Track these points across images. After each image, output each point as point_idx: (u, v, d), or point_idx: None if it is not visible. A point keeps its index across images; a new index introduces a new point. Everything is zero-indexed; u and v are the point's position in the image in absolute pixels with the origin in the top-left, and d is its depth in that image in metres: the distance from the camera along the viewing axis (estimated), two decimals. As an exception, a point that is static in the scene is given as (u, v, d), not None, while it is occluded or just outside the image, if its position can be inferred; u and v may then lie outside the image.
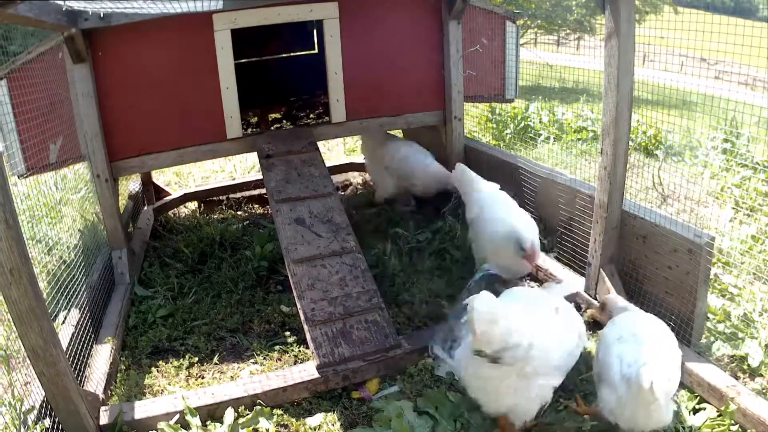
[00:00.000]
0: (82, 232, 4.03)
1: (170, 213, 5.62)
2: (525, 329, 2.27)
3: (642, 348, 2.27)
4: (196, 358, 3.30)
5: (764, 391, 2.71)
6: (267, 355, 3.29)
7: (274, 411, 2.76)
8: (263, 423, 2.68)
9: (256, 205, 5.86)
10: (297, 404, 2.86)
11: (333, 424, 2.72)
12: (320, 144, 4.43)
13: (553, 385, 2.42)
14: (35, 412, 2.40)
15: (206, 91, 4.11)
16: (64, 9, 3.29)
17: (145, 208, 5.47)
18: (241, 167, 7.13)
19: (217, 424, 2.66)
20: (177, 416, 2.67)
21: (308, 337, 3.01)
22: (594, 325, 3.16)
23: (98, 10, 3.48)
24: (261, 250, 4.29)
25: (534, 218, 3.88)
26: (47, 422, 2.37)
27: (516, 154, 5.13)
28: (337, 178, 6.39)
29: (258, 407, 2.73)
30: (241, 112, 4.29)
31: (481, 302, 2.19)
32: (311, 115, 5.38)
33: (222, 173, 7.03)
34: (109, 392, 2.95)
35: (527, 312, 2.40)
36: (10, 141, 3.18)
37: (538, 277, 3.89)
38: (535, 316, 2.41)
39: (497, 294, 2.46)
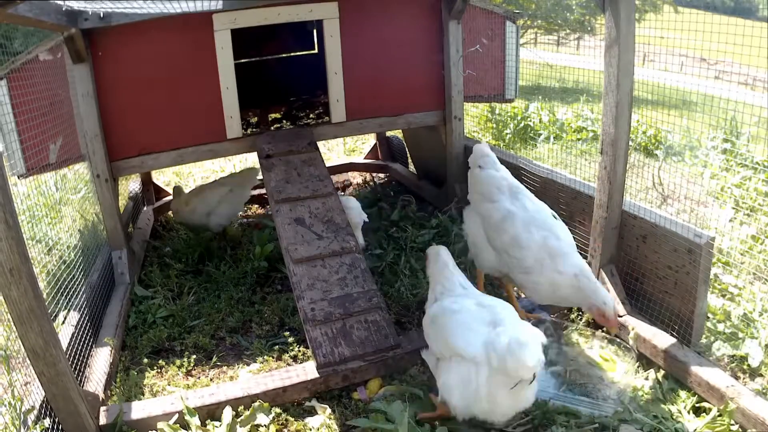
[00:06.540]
0: (82, 232, 4.03)
1: (170, 213, 5.62)
2: None
3: None
4: (196, 358, 3.30)
5: (764, 391, 2.71)
6: (267, 355, 3.29)
7: (273, 410, 2.75)
8: (261, 419, 2.69)
9: (256, 205, 5.86)
10: (297, 404, 2.87)
11: (333, 424, 2.72)
12: (320, 144, 4.42)
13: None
14: (35, 412, 2.39)
15: (206, 91, 4.11)
16: (64, 9, 3.29)
17: (145, 208, 5.48)
18: (241, 167, 7.13)
19: (216, 424, 2.66)
20: (176, 416, 2.67)
21: (308, 337, 3.01)
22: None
23: (98, 10, 3.48)
24: (261, 250, 4.29)
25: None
26: (47, 422, 2.37)
27: (516, 154, 5.13)
28: (337, 178, 6.40)
29: (256, 404, 2.72)
30: (241, 112, 4.29)
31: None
32: (311, 115, 5.38)
33: (222, 173, 7.04)
34: (109, 392, 2.95)
35: None
36: (10, 141, 3.18)
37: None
38: None
39: None
